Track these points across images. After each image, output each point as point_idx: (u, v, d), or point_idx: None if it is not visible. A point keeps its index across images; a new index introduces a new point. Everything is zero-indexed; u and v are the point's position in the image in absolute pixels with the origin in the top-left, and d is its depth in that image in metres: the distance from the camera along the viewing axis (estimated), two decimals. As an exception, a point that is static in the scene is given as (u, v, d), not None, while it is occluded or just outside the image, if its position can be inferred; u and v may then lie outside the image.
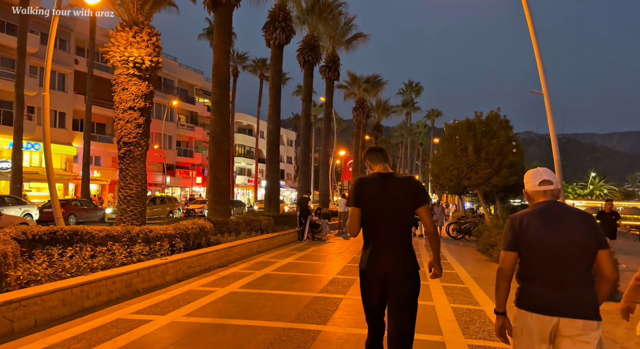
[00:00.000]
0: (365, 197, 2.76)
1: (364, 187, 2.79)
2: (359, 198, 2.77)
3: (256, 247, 11.32)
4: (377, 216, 2.74)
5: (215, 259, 8.83)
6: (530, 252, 2.24)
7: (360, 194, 2.77)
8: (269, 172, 18.74)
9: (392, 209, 2.72)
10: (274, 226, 14.96)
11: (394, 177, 2.81)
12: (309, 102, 23.24)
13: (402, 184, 2.75)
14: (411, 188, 2.74)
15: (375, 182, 2.79)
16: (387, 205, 2.72)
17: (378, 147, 3.03)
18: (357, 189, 2.79)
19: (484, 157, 13.14)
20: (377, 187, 2.76)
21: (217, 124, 13.76)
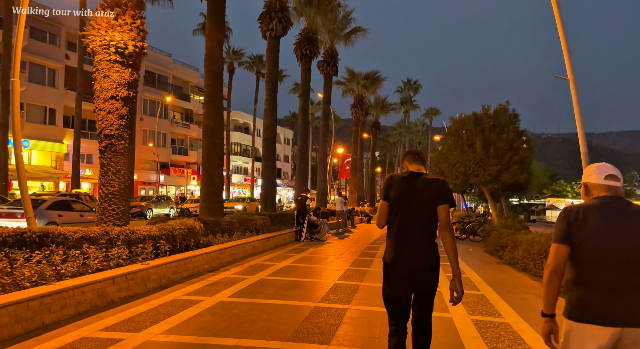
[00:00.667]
0: (394, 193, 2.94)
1: (394, 183, 2.97)
2: (387, 193, 2.97)
3: (250, 249, 10.54)
4: (404, 212, 2.89)
5: (204, 263, 8.04)
6: (585, 250, 2.03)
7: (390, 190, 2.97)
8: (265, 169, 17.97)
9: (418, 205, 2.87)
10: (270, 225, 14.19)
11: (424, 176, 2.95)
12: (307, 98, 22.46)
13: (430, 183, 2.90)
14: (436, 187, 2.89)
15: (405, 180, 2.96)
16: (414, 202, 2.87)
17: (416, 150, 3.19)
18: (387, 185, 3.00)
19: (492, 153, 12.41)
20: (406, 185, 2.93)
21: (210, 117, 12.96)
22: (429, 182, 2.92)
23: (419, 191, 2.89)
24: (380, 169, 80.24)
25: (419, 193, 2.88)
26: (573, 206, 2.15)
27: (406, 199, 2.90)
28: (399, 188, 2.94)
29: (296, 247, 12.54)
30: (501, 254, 10.81)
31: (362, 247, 13.14)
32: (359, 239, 16.16)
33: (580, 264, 2.05)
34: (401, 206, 2.91)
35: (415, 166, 3.04)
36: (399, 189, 2.94)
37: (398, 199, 2.93)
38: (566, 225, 2.09)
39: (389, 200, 2.97)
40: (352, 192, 36.79)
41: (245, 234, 11.64)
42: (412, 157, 3.08)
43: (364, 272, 8.47)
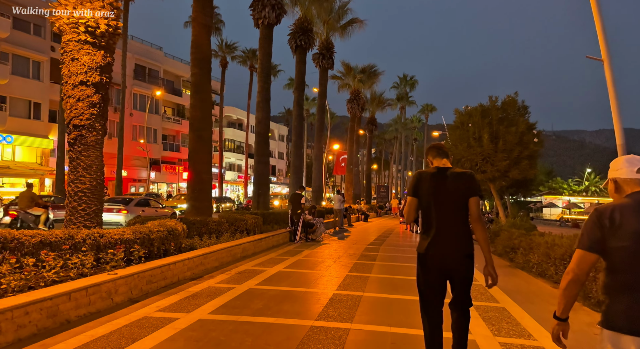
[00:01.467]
0: (424, 188, 3.10)
1: (422, 179, 3.14)
2: (416, 189, 3.14)
3: (240, 252, 9.63)
4: (436, 205, 3.05)
5: (186, 270, 7.12)
6: (628, 255, 1.85)
7: (419, 186, 3.14)
8: (258, 166, 17.03)
9: (449, 199, 3.03)
10: (263, 225, 13.28)
11: (451, 171, 3.11)
12: (302, 91, 21.52)
13: (458, 177, 3.06)
14: (466, 180, 3.06)
15: (434, 176, 3.11)
16: (445, 195, 3.04)
17: (439, 144, 3.31)
18: (416, 181, 3.17)
19: (501, 148, 11.57)
20: (435, 180, 3.09)
21: (196, 109, 12.01)
22: (458, 176, 3.07)
23: (449, 185, 3.04)
24: (377, 165, 79.45)
25: (450, 187, 3.03)
26: (605, 206, 1.94)
27: (438, 193, 3.05)
28: (430, 184, 3.09)
29: (290, 249, 11.64)
30: (512, 257, 9.98)
31: (361, 248, 12.27)
32: (357, 239, 15.28)
33: (623, 271, 1.87)
34: (433, 200, 3.05)
35: (440, 161, 3.20)
36: (429, 184, 3.08)
37: (430, 195, 3.07)
38: (599, 231, 1.91)
39: (418, 196, 3.14)
40: (348, 189, 35.93)
41: (235, 235, 10.73)
42: (436, 152, 3.24)
43: (365, 279, 7.59)
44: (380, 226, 23.93)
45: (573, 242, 7.30)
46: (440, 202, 3.03)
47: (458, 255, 3.05)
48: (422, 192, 3.10)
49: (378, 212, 37.55)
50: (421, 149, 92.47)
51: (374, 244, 13.69)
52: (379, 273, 8.24)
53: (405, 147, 78.64)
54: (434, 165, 3.20)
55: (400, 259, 10.35)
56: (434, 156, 3.23)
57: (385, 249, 12.41)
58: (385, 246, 13.27)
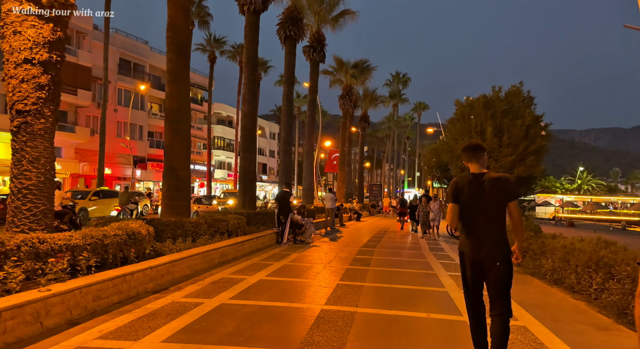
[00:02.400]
0: (463, 195, 3.31)
1: (461, 187, 3.35)
2: (457, 196, 3.35)
3: (218, 257, 8.57)
4: (475, 211, 3.25)
5: (148, 281, 6.05)
6: None
7: (458, 193, 3.35)
8: (244, 162, 15.94)
9: (487, 204, 3.22)
10: (247, 226, 12.22)
11: (488, 176, 3.30)
12: (291, 85, 20.45)
13: (496, 183, 3.25)
14: (504, 185, 3.24)
15: (471, 183, 3.32)
16: (484, 201, 3.22)
17: (475, 144, 3.43)
18: (454, 189, 3.38)
19: (506, 142, 10.62)
20: (473, 186, 3.29)
21: (173, 99, 10.91)
22: (495, 181, 3.26)
23: (488, 191, 3.24)
24: (369, 164, 78.60)
25: (488, 193, 3.23)
26: None
27: (476, 200, 3.25)
28: (469, 190, 3.30)
29: (276, 253, 10.59)
30: (522, 262, 9.03)
31: (354, 251, 11.27)
32: (350, 240, 14.28)
33: None
34: (473, 206, 3.25)
35: (475, 166, 3.38)
36: (468, 191, 3.30)
37: (469, 201, 3.27)
38: None
39: (459, 203, 3.33)
40: (340, 188, 34.94)
41: (214, 237, 9.67)
42: (469, 155, 3.39)
43: (358, 289, 6.57)
44: (374, 225, 22.96)
45: (597, 247, 6.35)
46: (481, 207, 3.22)
47: (494, 259, 3.20)
48: (462, 199, 3.29)
49: (371, 212, 36.61)
50: (414, 148, 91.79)
51: (367, 246, 12.69)
52: (374, 281, 7.24)
53: (398, 146, 77.88)
54: (472, 170, 3.38)
55: (397, 264, 9.35)
56: (467, 160, 3.40)
57: (380, 252, 11.43)
58: (379, 248, 12.28)
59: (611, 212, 51.44)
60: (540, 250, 7.99)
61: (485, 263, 3.21)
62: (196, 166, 47.99)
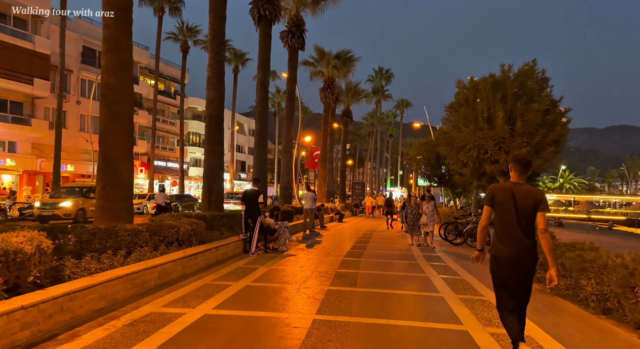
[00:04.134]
0: (498, 200, 3.68)
1: (497, 192, 3.70)
2: (492, 200, 3.74)
3: (155, 279, 6.45)
4: (505, 217, 3.62)
5: (18, 329, 3.91)
6: None
7: (494, 198, 3.72)
8: (209, 156, 13.77)
9: (516, 212, 3.57)
10: (208, 232, 10.13)
11: (524, 187, 3.64)
12: (266, 70, 18.33)
13: (529, 194, 3.58)
14: (536, 197, 3.56)
15: (508, 190, 3.65)
16: (512, 209, 3.58)
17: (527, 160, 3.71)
18: (491, 194, 3.75)
19: (519, 130, 8.78)
20: (509, 194, 3.62)
21: (110, 73, 8.73)
22: (529, 193, 3.59)
23: (520, 200, 3.57)
24: (352, 161, 76.87)
25: (521, 202, 3.56)
26: None
27: (510, 206, 3.60)
28: (503, 197, 3.64)
29: (240, 267, 8.51)
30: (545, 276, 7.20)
31: (336, 262, 9.27)
32: (331, 247, 12.28)
33: None
34: (507, 211, 3.62)
35: (518, 177, 3.68)
36: (503, 197, 3.64)
37: (502, 206, 3.65)
38: None
39: (492, 206, 3.74)
40: (321, 186, 32.98)
41: (158, 249, 7.54)
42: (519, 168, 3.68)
43: (343, 331, 4.57)
44: (358, 227, 21.05)
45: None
46: (513, 213, 3.57)
47: (525, 259, 3.57)
48: (496, 204, 3.68)
49: (354, 211, 34.76)
50: (396, 146, 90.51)
51: (351, 254, 10.72)
52: (363, 314, 5.25)
53: (381, 144, 76.36)
54: (512, 179, 3.72)
55: (390, 282, 7.39)
56: (515, 171, 3.70)
57: (367, 263, 9.47)
58: (366, 258, 10.33)
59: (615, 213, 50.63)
60: (579, 267, 6.12)
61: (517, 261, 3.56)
62: (169, 163, 45.33)
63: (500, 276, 3.68)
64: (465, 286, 7.20)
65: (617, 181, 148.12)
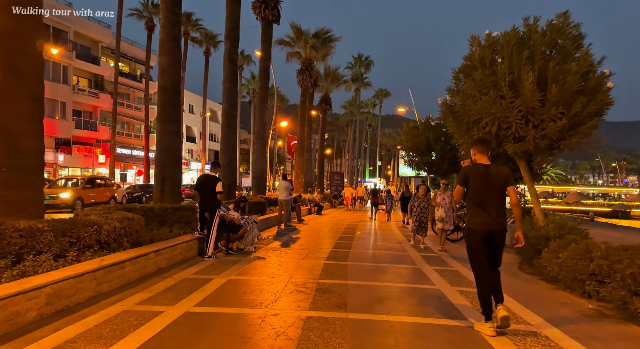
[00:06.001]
0: (472, 180, 4.19)
1: (472, 174, 4.20)
2: (465, 181, 4.24)
3: (38, 307, 4.18)
4: (480, 193, 4.16)
5: None
6: None
7: (467, 178, 4.22)
8: (162, 136, 11.39)
9: (491, 188, 4.14)
10: (151, 230, 7.88)
11: (492, 166, 4.20)
12: (234, 41, 15.92)
13: (497, 172, 4.16)
14: (504, 175, 4.15)
15: (482, 171, 4.17)
16: (489, 186, 4.14)
17: (486, 139, 4.54)
18: (466, 175, 4.23)
19: (553, 98, 6.80)
20: (479, 173, 4.16)
21: (5, 12, 6.28)
22: (498, 171, 4.16)
23: (491, 178, 4.14)
24: (330, 150, 74.90)
25: (492, 180, 4.13)
26: None
27: (483, 185, 4.14)
28: (477, 176, 4.17)
29: (187, 279, 6.28)
30: (600, 293, 5.30)
31: (317, 268, 7.16)
32: (310, 245, 10.17)
33: None
34: (480, 189, 4.16)
35: (483, 158, 4.24)
36: (476, 177, 4.17)
37: (477, 185, 4.17)
38: None
39: (465, 186, 4.26)
40: (298, 176, 30.78)
41: (67, 255, 5.28)
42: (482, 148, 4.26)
43: None
44: (338, 220, 19.02)
45: None
46: (486, 191, 4.13)
47: (497, 229, 4.13)
48: (470, 183, 4.20)
49: (332, 203, 32.73)
50: (374, 137, 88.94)
51: (336, 256, 8.63)
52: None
53: (359, 135, 74.52)
54: (479, 161, 4.23)
55: (391, 300, 5.32)
56: (479, 152, 4.25)
57: (356, 269, 7.40)
58: (354, 260, 8.26)
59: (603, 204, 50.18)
60: None
61: (492, 232, 4.13)
62: (134, 151, 42.23)
63: (475, 245, 4.15)
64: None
65: (588, 172, 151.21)
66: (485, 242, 4.11)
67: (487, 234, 4.09)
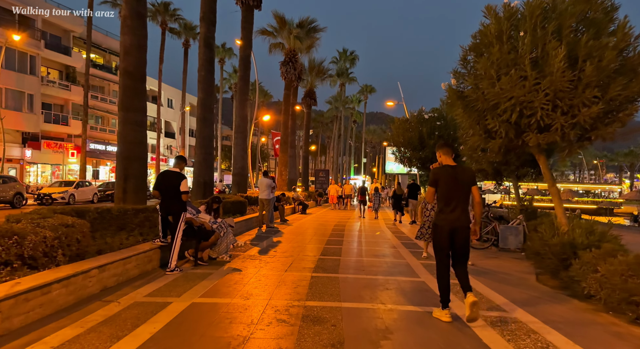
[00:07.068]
0: (441, 180, 4.50)
1: (441, 174, 4.52)
2: (436, 181, 4.53)
3: None
4: (449, 192, 4.46)
5: None
6: None
7: (438, 179, 4.52)
8: (124, 127, 9.94)
9: (459, 187, 4.46)
10: (106, 238, 6.52)
11: (458, 167, 4.57)
12: (211, 24, 14.48)
13: (464, 172, 4.54)
14: (469, 175, 4.55)
15: (451, 171, 4.51)
16: (456, 185, 4.46)
17: (449, 142, 4.86)
18: (435, 175, 4.55)
19: (588, 78, 5.65)
20: (448, 174, 4.49)
21: None
22: (463, 171, 4.54)
23: (459, 179, 4.47)
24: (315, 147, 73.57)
25: (460, 180, 4.46)
26: None
27: (451, 184, 4.46)
28: (445, 177, 4.49)
29: (137, 304, 4.93)
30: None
31: (303, 283, 5.88)
32: (294, 251, 8.88)
33: None
34: (448, 189, 4.46)
35: (449, 159, 4.61)
36: (445, 178, 4.49)
37: (445, 185, 4.48)
38: None
39: (435, 186, 4.55)
40: (282, 173, 29.44)
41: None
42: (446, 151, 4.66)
43: None
44: (324, 220, 17.77)
45: None
46: (453, 190, 4.44)
47: (462, 225, 4.43)
48: (440, 183, 4.50)
49: (318, 201, 31.51)
50: (359, 134, 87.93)
51: (324, 265, 7.37)
52: None
53: (344, 131, 73.37)
54: (445, 162, 4.61)
55: (404, 333, 4.09)
56: (444, 154, 4.64)
57: (350, 284, 6.15)
58: (347, 271, 7.01)
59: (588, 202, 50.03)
60: None
61: (456, 229, 4.43)
62: (109, 147, 40.27)
63: (440, 240, 4.52)
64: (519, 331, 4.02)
65: (568, 169, 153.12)
66: (451, 237, 4.44)
67: (452, 230, 4.41)
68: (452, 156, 4.64)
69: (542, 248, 6.77)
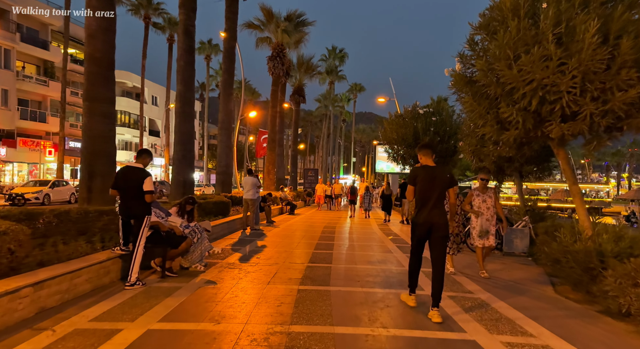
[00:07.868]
0: (420, 179, 4.67)
1: (419, 173, 4.71)
2: (415, 179, 4.72)
3: None
4: (428, 191, 4.62)
5: None
6: None
7: (416, 177, 4.71)
8: (89, 119, 8.88)
9: (436, 187, 4.61)
10: (57, 246, 5.52)
11: (437, 168, 4.73)
12: (191, 11, 13.43)
13: (442, 173, 4.67)
14: (447, 176, 4.67)
15: (430, 171, 4.67)
16: (433, 185, 4.61)
17: (429, 143, 4.94)
18: (414, 174, 4.76)
19: (626, 56, 4.79)
20: (427, 174, 4.66)
21: None
22: (442, 172, 4.68)
23: (437, 178, 4.62)
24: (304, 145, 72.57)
25: (438, 180, 4.62)
26: None
27: (429, 184, 4.62)
28: (424, 176, 4.66)
29: (78, 331, 3.93)
30: None
31: (288, 300, 4.93)
32: (280, 258, 7.90)
33: None
34: (426, 188, 4.63)
35: (429, 160, 4.79)
36: (423, 177, 4.66)
37: (424, 184, 4.64)
38: None
39: (414, 185, 4.72)
40: (269, 172, 28.40)
41: None
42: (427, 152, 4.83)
43: None
44: (313, 221, 16.83)
45: None
46: (431, 189, 4.60)
47: (439, 221, 4.58)
48: (419, 182, 4.67)
49: (306, 201, 30.57)
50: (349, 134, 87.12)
51: (313, 275, 6.43)
52: None
53: (334, 130, 72.47)
54: (425, 162, 4.78)
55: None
56: (425, 155, 4.81)
57: (344, 299, 5.21)
58: (339, 283, 6.07)
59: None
60: None
61: (434, 225, 4.58)
62: (90, 146, 38.65)
63: (418, 235, 4.69)
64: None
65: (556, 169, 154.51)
66: (428, 233, 4.61)
67: (429, 226, 4.57)
68: (433, 157, 4.79)
69: (562, 255, 5.91)
